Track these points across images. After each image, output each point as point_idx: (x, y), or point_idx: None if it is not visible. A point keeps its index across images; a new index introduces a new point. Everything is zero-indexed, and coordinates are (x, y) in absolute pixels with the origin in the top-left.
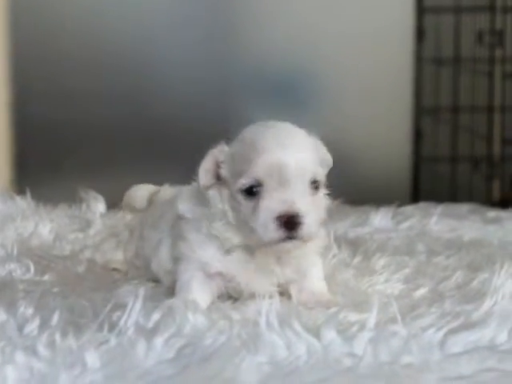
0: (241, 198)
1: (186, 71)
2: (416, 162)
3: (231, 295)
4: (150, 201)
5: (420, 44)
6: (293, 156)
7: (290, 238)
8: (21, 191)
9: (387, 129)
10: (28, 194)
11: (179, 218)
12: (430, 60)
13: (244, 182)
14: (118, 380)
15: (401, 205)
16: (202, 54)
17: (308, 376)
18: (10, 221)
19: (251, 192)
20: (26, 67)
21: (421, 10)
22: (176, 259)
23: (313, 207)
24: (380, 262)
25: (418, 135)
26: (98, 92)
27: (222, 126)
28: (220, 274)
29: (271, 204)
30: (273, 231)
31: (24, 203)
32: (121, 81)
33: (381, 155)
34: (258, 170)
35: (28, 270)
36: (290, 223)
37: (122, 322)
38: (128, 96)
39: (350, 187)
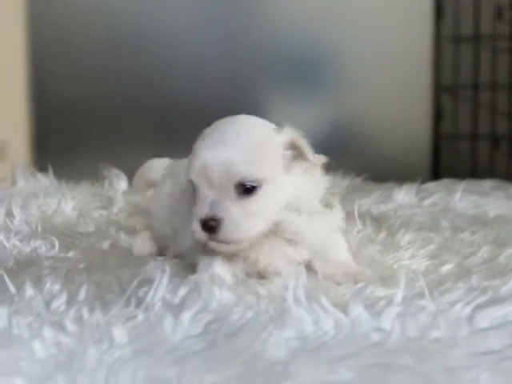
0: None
1: (202, 50)
2: (436, 139)
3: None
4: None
5: (439, 22)
6: (218, 158)
7: (213, 239)
8: (41, 169)
9: (407, 107)
10: (50, 172)
11: None
12: (449, 38)
13: (186, 182)
14: (145, 355)
15: (423, 182)
16: (218, 32)
17: (336, 351)
18: (33, 198)
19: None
20: (44, 48)
21: None
22: None
23: (240, 210)
24: (405, 237)
25: (437, 113)
26: (114, 70)
27: (239, 104)
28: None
29: (198, 206)
30: (198, 232)
31: (46, 181)
32: (138, 60)
33: (401, 133)
34: (191, 172)
35: (53, 246)
36: (207, 226)
37: (148, 298)
38: (145, 74)
39: (371, 165)
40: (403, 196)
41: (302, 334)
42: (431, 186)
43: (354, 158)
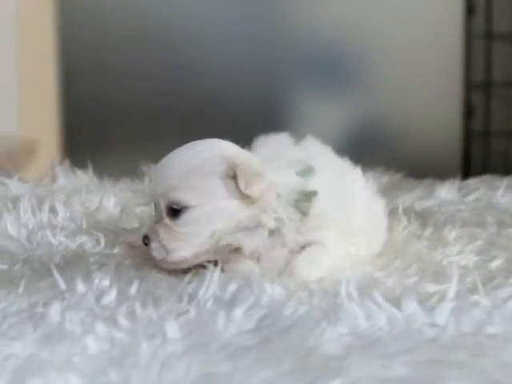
0: None
1: (231, 49)
2: (467, 137)
3: None
4: None
5: (470, 18)
6: (157, 181)
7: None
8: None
9: (437, 104)
10: (90, 169)
11: None
12: (481, 34)
13: None
14: (198, 351)
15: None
16: (247, 31)
17: (390, 347)
18: (75, 195)
19: None
20: (74, 46)
21: None
22: None
23: (166, 232)
24: (451, 233)
25: (468, 110)
26: (144, 68)
27: (268, 104)
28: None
29: None
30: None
31: (86, 177)
32: (167, 58)
33: (431, 131)
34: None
35: (98, 242)
36: (144, 243)
37: (200, 293)
38: (175, 73)
39: (401, 163)
40: (446, 192)
41: (355, 330)
42: (473, 182)
43: (383, 155)
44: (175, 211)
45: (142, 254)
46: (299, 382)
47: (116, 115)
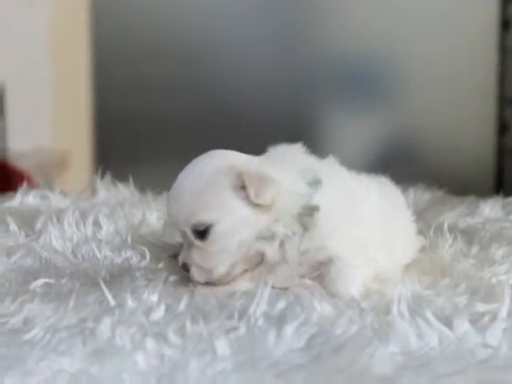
0: None
1: (261, 63)
2: (500, 153)
3: None
4: None
5: (505, 33)
6: (175, 207)
7: None
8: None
9: (470, 120)
10: (131, 182)
11: None
12: None
13: None
14: (248, 369)
15: (485, 197)
16: (277, 45)
17: (442, 367)
18: (118, 208)
19: None
20: (107, 60)
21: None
22: None
23: (199, 253)
24: (499, 252)
25: (502, 126)
26: (175, 83)
27: (299, 117)
28: None
29: None
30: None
31: (127, 191)
32: (198, 72)
33: (463, 147)
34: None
35: (144, 257)
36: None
37: (250, 310)
38: (206, 87)
39: (433, 178)
40: (490, 210)
41: (406, 349)
42: None
43: (414, 171)
44: (201, 233)
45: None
46: None
47: (147, 128)
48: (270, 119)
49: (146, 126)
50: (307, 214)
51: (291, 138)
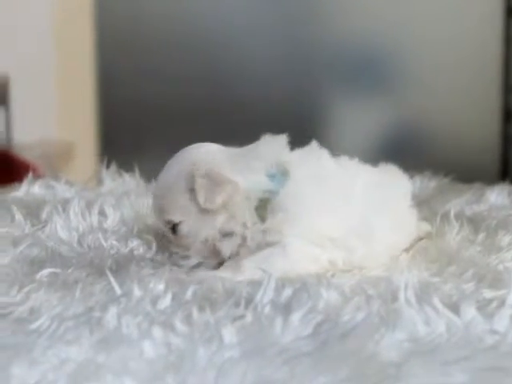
0: None
1: (265, 51)
2: (505, 140)
3: None
4: None
5: (509, 21)
6: (153, 202)
7: None
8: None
9: (475, 108)
10: (136, 172)
11: None
12: None
13: None
14: (256, 356)
15: (490, 184)
16: (283, 33)
17: (449, 354)
18: (124, 198)
19: None
20: (111, 50)
21: None
22: None
23: (176, 245)
24: (505, 238)
25: (507, 114)
26: (180, 72)
27: (304, 106)
28: None
29: None
30: None
31: (133, 181)
32: (203, 61)
33: (468, 134)
34: None
35: (150, 247)
36: None
37: (257, 298)
38: (211, 76)
39: (438, 165)
40: (496, 197)
41: (414, 336)
42: None
43: (419, 158)
44: (172, 228)
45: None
46: None
47: (152, 118)
48: (274, 108)
49: (152, 115)
50: (261, 207)
51: (296, 127)
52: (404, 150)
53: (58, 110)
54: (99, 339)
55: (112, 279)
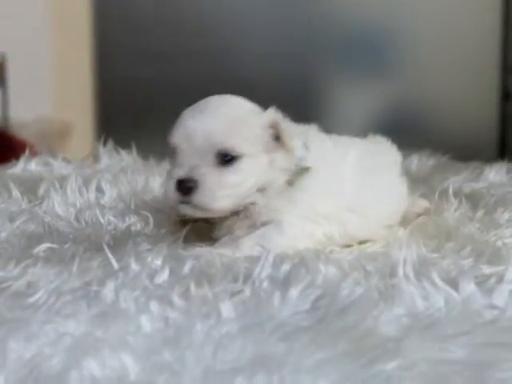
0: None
1: (266, 30)
2: (503, 120)
3: None
4: None
5: (509, 2)
6: (199, 126)
7: (184, 202)
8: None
9: (474, 88)
10: (134, 149)
11: None
12: None
13: (169, 146)
14: (254, 331)
15: (488, 162)
16: (283, 13)
17: (448, 329)
18: (121, 175)
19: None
20: (109, 28)
21: None
22: None
23: (217, 178)
24: (504, 215)
25: (505, 94)
26: (178, 50)
27: (303, 85)
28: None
29: (175, 168)
30: (171, 193)
31: (130, 158)
32: (202, 40)
33: (467, 114)
34: (175, 136)
35: (147, 222)
36: (183, 187)
37: (255, 273)
38: (210, 54)
39: (437, 144)
40: (494, 174)
41: (412, 311)
42: None
43: (418, 137)
44: (226, 160)
45: (192, 232)
46: (355, 363)
47: (149, 95)
48: (274, 87)
49: (149, 93)
50: (299, 173)
51: (295, 106)
52: (403, 129)
53: (54, 89)
54: (97, 313)
55: (109, 254)
